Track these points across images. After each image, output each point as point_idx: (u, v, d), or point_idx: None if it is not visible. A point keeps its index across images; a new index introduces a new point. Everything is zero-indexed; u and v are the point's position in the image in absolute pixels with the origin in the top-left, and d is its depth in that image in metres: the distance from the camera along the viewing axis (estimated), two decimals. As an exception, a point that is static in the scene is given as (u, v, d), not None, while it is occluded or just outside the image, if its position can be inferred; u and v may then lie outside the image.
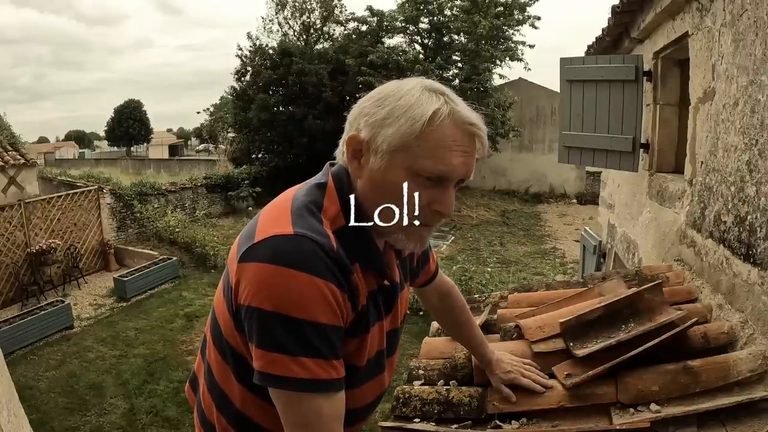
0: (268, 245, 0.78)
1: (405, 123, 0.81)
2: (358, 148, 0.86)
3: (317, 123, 15.83)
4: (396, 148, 0.82)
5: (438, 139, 0.81)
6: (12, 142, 10.14)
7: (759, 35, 1.49)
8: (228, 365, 0.92)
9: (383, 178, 0.84)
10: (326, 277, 0.77)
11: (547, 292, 2.01)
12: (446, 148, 0.82)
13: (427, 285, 1.27)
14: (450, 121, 0.82)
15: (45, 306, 7.54)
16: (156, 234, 11.58)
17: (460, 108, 0.84)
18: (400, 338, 1.11)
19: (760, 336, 1.38)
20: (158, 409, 5.48)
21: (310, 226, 0.81)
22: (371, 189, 0.86)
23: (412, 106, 0.82)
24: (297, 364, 0.76)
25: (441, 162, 0.82)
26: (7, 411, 2.55)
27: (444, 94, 0.85)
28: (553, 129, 16.30)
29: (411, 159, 0.82)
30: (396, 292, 1.00)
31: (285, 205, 0.86)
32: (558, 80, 3.55)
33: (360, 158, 0.87)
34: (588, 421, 1.26)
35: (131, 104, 45.98)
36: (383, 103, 0.84)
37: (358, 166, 0.87)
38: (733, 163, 1.67)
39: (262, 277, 0.77)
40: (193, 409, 1.10)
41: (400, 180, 0.83)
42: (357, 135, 0.86)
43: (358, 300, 0.86)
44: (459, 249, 11.52)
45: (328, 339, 0.79)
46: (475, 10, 14.63)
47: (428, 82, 0.86)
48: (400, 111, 0.82)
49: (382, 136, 0.83)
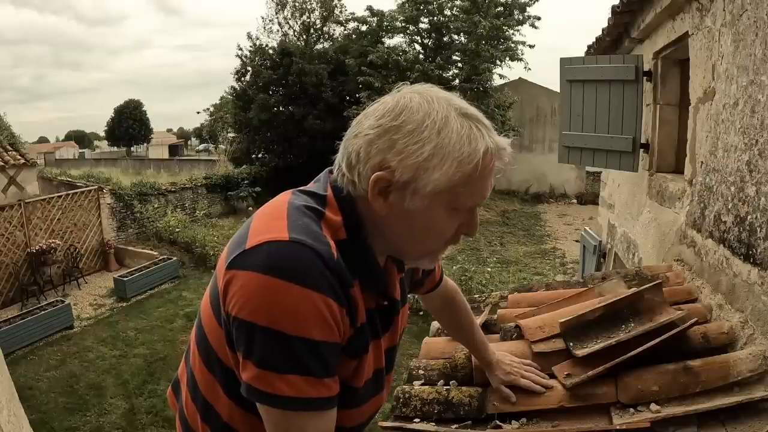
0: (261, 252, 0.71)
1: (452, 166, 0.75)
2: (387, 185, 0.77)
3: (317, 123, 15.84)
4: (441, 191, 0.76)
5: (481, 177, 0.78)
6: (12, 142, 10.14)
7: (759, 35, 1.49)
8: (215, 377, 0.86)
9: (422, 218, 0.79)
10: (324, 291, 0.71)
11: (547, 292, 2.01)
12: (484, 181, 0.79)
13: (432, 291, 1.24)
14: (495, 158, 0.79)
15: (45, 306, 7.55)
16: (156, 234, 11.58)
17: (495, 135, 0.79)
18: (397, 354, 1.06)
19: (760, 336, 1.38)
20: (158, 409, 5.48)
21: (309, 231, 0.74)
22: (400, 224, 0.80)
23: (456, 145, 0.75)
24: (285, 382, 0.71)
25: (480, 196, 0.80)
26: (7, 411, 2.55)
27: (480, 121, 0.79)
28: (553, 129, 16.30)
29: (455, 198, 0.77)
30: (394, 311, 0.95)
31: (280, 208, 0.79)
32: (558, 80, 3.55)
33: (388, 196, 0.78)
34: (588, 421, 1.26)
35: (131, 104, 46.00)
36: (420, 138, 0.75)
37: (384, 204, 0.78)
38: (733, 163, 1.66)
39: (252, 288, 0.70)
40: (175, 414, 1.04)
41: (440, 219, 0.79)
42: (388, 176, 0.76)
43: (356, 316, 0.80)
44: (459, 249, 11.51)
45: (321, 356, 0.73)
46: (475, 10, 14.63)
47: (456, 103, 0.79)
48: (444, 151, 0.74)
49: (424, 180, 0.75)
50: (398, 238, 0.83)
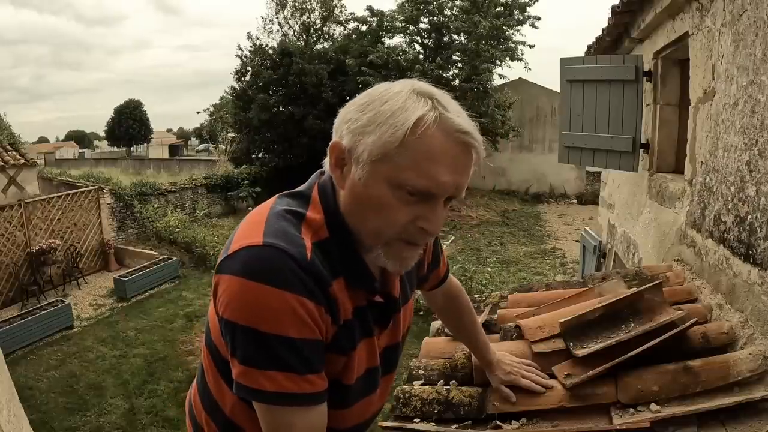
0: (239, 257, 0.76)
1: (387, 130, 0.74)
2: (341, 156, 0.80)
3: (317, 123, 15.82)
4: (377, 158, 0.75)
5: (422, 150, 0.74)
6: (12, 142, 10.14)
7: (759, 35, 1.49)
8: (218, 371, 0.91)
9: (364, 190, 0.78)
10: (296, 291, 0.74)
11: (547, 292, 2.01)
12: (431, 159, 0.74)
13: (436, 289, 1.24)
14: (437, 128, 0.74)
15: (45, 306, 7.54)
16: (156, 234, 11.58)
17: (451, 114, 0.76)
18: (400, 354, 1.06)
19: (760, 336, 1.38)
20: (158, 409, 5.48)
21: (284, 235, 0.77)
22: (353, 201, 0.81)
23: (396, 111, 0.75)
24: (266, 378, 0.75)
25: (425, 175, 0.75)
26: (7, 411, 2.55)
27: (433, 97, 0.77)
28: (553, 129, 16.31)
29: (392, 170, 0.75)
30: (392, 308, 0.95)
31: (262, 214, 0.82)
32: (558, 80, 3.55)
33: (342, 167, 0.81)
34: (588, 421, 1.26)
35: (131, 104, 45.99)
36: (366, 108, 0.78)
37: (341, 176, 0.81)
38: (733, 163, 1.66)
39: (232, 290, 0.75)
40: (186, 409, 1.09)
41: (381, 193, 0.77)
42: (339, 142, 0.80)
43: (338, 314, 0.82)
44: (459, 249, 11.52)
45: (299, 353, 0.76)
46: (475, 10, 14.62)
47: (419, 85, 0.79)
48: (382, 117, 0.75)
49: (363, 145, 0.76)
50: (359, 221, 0.82)
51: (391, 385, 1.09)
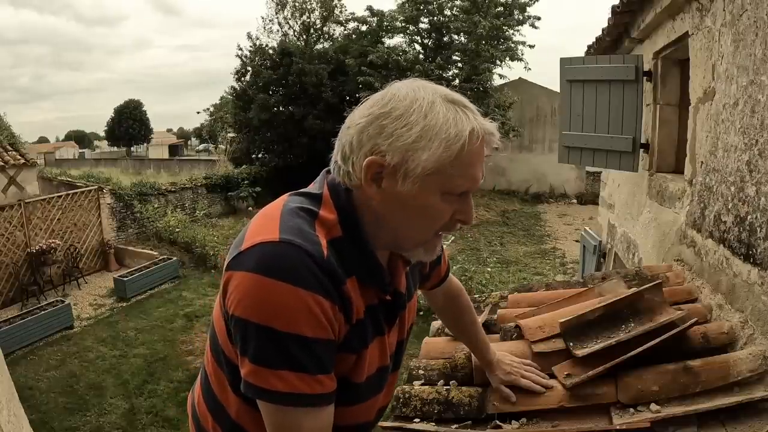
0: (254, 253, 0.75)
1: (440, 146, 0.76)
2: (379, 171, 0.79)
3: (317, 123, 15.83)
4: (430, 171, 0.78)
5: (469, 159, 0.79)
6: (12, 142, 10.14)
7: (759, 35, 1.49)
8: (224, 374, 0.90)
9: (415, 201, 0.80)
10: (313, 289, 0.74)
11: (547, 292, 2.01)
12: (473, 164, 0.80)
13: (437, 288, 1.24)
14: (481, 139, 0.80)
15: (45, 306, 7.54)
16: (156, 234, 11.58)
17: (480, 118, 0.81)
18: (404, 351, 1.07)
19: (760, 336, 1.38)
20: (158, 409, 5.48)
21: (300, 232, 0.77)
22: (395, 211, 0.82)
23: (443, 126, 0.77)
24: (277, 377, 0.74)
25: (470, 179, 0.81)
26: (7, 411, 2.55)
27: (466, 107, 0.81)
28: (553, 129, 16.30)
29: (446, 181, 0.79)
30: (399, 305, 0.96)
31: (275, 211, 0.82)
32: (558, 80, 3.55)
33: (380, 182, 0.80)
34: (588, 421, 1.26)
35: (131, 104, 45.99)
36: (408, 121, 0.77)
37: (378, 191, 0.80)
38: (733, 163, 1.66)
39: (246, 287, 0.74)
40: (189, 412, 1.07)
41: (432, 202, 0.80)
42: (380, 160, 0.78)
43: (351, 312, 0.82)
44: (459, 249, 11.52)
45: (313, 353, 0.75)
46: (475, 10, 14.63)
47: (442, 91, 0.81)
48: (431, 132, 0.77)
49: (414, 161, 0.77)
50: (394, 226, 0.84)
51: (395, 382, 1.09)
